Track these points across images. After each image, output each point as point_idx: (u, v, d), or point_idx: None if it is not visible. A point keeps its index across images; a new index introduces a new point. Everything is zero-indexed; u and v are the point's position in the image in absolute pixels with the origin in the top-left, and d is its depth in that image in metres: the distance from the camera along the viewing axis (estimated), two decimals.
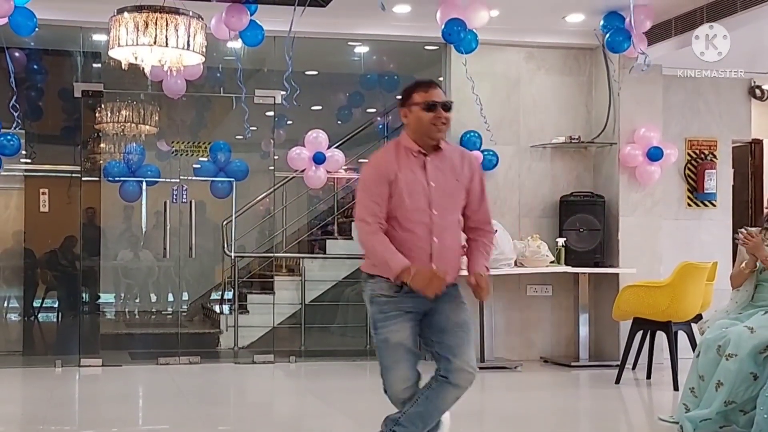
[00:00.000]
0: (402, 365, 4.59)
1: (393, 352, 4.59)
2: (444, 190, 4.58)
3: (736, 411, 5.70)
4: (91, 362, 9.34)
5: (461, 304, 4.70)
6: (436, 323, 4.63)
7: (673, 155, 9.82)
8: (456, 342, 4.59)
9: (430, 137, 4.57)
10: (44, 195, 11.08)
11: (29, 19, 8.04)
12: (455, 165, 4.64)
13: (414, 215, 4.52)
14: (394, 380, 4.61)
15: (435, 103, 4.55)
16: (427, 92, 4.58)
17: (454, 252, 4.69)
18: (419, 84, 4.63)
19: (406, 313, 4.57)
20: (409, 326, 4.59)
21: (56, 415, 7.09)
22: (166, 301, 12.78)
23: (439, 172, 4.59)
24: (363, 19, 9.45)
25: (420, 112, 4.55)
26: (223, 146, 10.51)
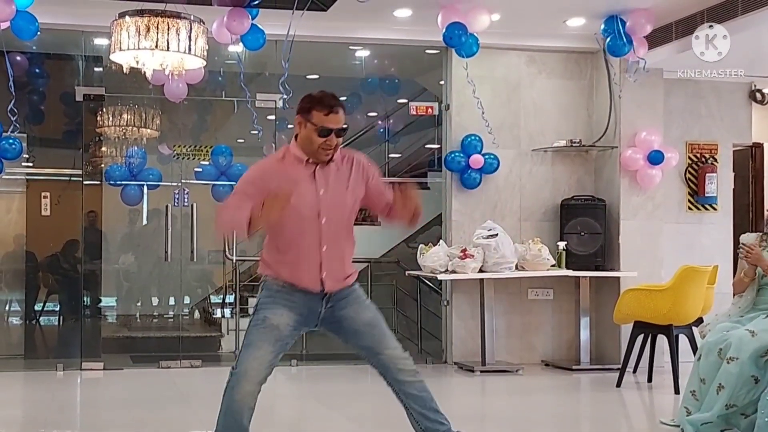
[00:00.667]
0: (267, 346, 4.51)
1: (265, 331, 4.52)
2: (334, 198, 4.57)
3: (737, 414, 5.70)
4: (93, 366, 9.35)
5: (362, 303, 4.72)
6: (347, 329, 4.67)
7: (674, 159, 9.83)
8: (372, 341, 4.64)
9: (316, 158, 4.56)
10: (46, 198, 11.08)
11: (31, 23, 8.05)
12: (344, 172, 4.64)
13: (302, 224, 4.52)
14: (252, 356, 4.49)
15: (329, 130, 4.51)
16: (327, 116, 4.51)
17: (345, 258, 4.69)
18: (322, 102, 4.54)
19: (295, 305, 4.55)
20: (293, 319, 4.56)
21: (58, 418, 7.10)
22: (167, 304, 12.76)
23: (329, 180, 4.58)
24: (364, 22, 9.47)
25: (312, 133, 4.51)
26: (225, 150, 10.51)
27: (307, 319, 4.63)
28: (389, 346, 4.65)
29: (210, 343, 11.18)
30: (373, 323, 4.68)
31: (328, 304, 4.62)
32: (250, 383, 4.48)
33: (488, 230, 9.31)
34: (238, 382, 4.48)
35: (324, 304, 4.61)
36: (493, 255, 9.18)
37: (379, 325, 4.68)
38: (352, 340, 4.69)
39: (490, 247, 9.18)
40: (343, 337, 4.72)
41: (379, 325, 4.68)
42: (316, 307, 4.61)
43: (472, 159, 9.70)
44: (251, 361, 4.48)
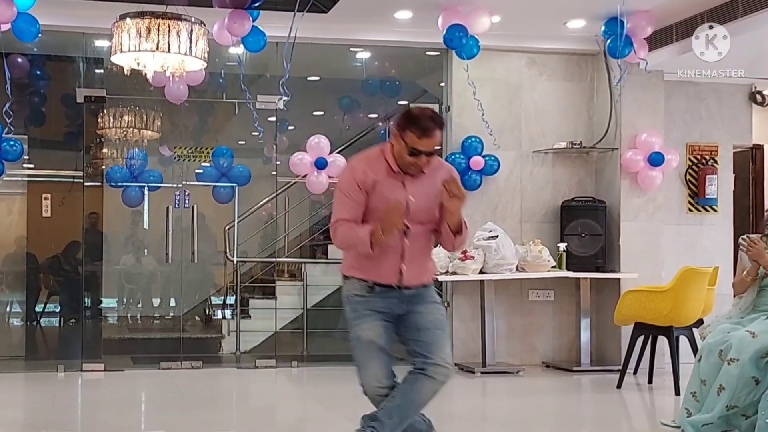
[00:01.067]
0: (374, 363, 4.69)
1: (364, 349, 4.72)
2: (420, 205, 4.68)
3: (738, 415, 5.70)
4: (94, 367, 9.35)
5: (434, 304, 4.84)
6: (412, 323, 4.76)
7: (675, 161, 9.84)
8: (432, 339, 4.71)
9: (405, 170, 4.66)
10: (46, 200, 11.09)
11: (32, 25, 8.06)
12: (433, 181, 4.69)
13: None
14: (367, 378, 4.71)
15: (419, 152, 4.58)
16: (419, 139, 4.56)
17: (425, 256, 4.83)
18: (418, 125, 4.57)
19: (377, 312, 4.71)
20: (381, 326, 4.72)
21: (59, 420, 7.09)
22: (168, 305, 12.78)
23: (417, 189, 4.68)
24: (365, 24, 9.48)
25: (403, 151, 4.60)
26: (226, 151, 10.52)
27: (391, 315, 4.76)
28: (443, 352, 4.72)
29: (211, 344, 11.19)
30: (438, 325, 4.78)
31: (405, 305, 4.75)
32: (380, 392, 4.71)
33: (489, 232, 9.32)
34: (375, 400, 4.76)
35: (404, 305, 4.75)
36: (493, 256, 9.18)
37: (444, 329, 4.79)
38: (411, 334, 4.77)
39: (491, 248, 9.19)
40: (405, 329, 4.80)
41: (443, 328, 4.79)
42: (396, 308, 4.75)
43: (473, 161, 9.71)
44: (371, 381, 4.72)
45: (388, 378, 4.70)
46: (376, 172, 4.66)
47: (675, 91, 10.17)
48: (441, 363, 4.67)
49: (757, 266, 6.16)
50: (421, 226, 4.71)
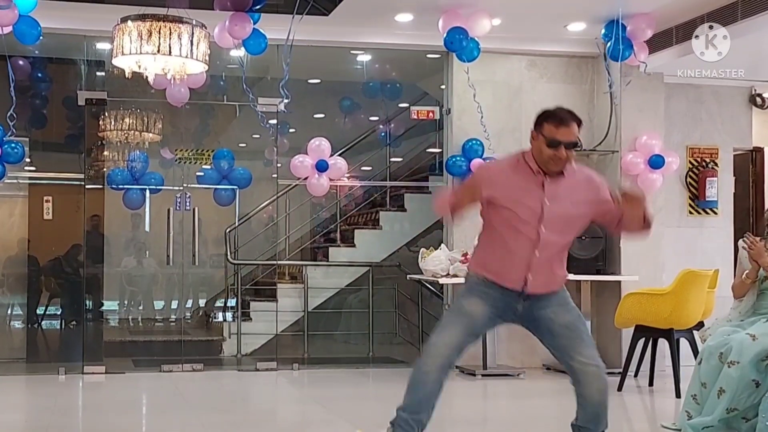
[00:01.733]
0: (457, 331, 4.69)
1: (459, 317, 4.74)
2: (559, 212, 4.63)
3: (739, 418, 5.71)
4: (95, 369, 9.35)
5: (564, 306, 4.80)
6: (543, 329, 4.78)
7: (675, 163, 9.84)
8: (567, 343, 4.73)
9: (546, 168, 4.64)
10: (48, 203, 11.10)
11: (33, 27, 8.08)
12: (577, 190, 4.68)
13: (521, 227, 4.61)
14: (441, 336, 4.69)
15: (558, 143, 4.57)
16: (557, 129, 4.59)
17: (554, 269, 4.75)
18: (554, 115, 4.64)
19: (492, 299, 4.70)
20: (487, 310, 4.72)
21: (60, 422, 7.09)
22: (169, 308, 12.80)
23: (557, 193, 4.64)
24: (365, 27, 9.49)
25: (542, 145, 4.60)
26: (227, 154, 10.53)
27: (504, 313, 4.76)
28: (582, 353, 4.73)
29: (212, 347, 11.19)
30: (571, 327, 4.75)
31: (526, 301, 4.72)
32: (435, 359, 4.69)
33: None
34: (425, 354, 4.74)
35: (522, 301, 4.72)
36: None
37: (577, 330, 4.75)
38: (547, 340, 4.80)
39: None
40: (540, 335, 4.83)
41: (576, 329, 4.75)
42: (512, 303, 4.72)
43: (474, 163, 9.71)
44: (440, 339, 4.70)
45: (456, 354, 4.70)
46: (512, 171, 4.68)
47: (675, 94, 10.19)
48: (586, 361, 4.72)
49: (757, 268, 6.16)
50: (557, 236, 4.65)
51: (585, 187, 4.71)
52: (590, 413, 4.80)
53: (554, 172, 4.63)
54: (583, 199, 4.69)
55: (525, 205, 4.60)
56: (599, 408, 4.78)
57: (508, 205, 4.61)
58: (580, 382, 4.75)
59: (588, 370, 4.71)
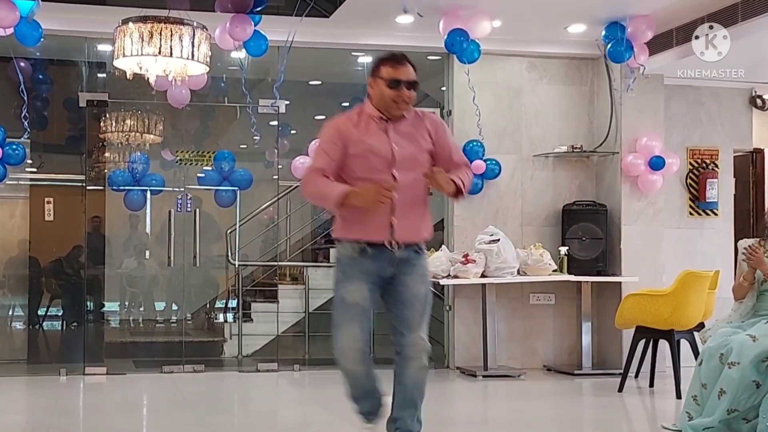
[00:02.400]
0: (353, 324, 4.73)
1: (347, 310, 4.75)
2: (405, 153, 4.70)
3: (739, 419, 5.71)
4: (96, 370, 9.37)
5: (422, 277, 4.86)
6: (397, 294, 4.81)
7: (675, 164, 9.86)
8: (411, 315, 4.77)
9: (390, 113, 4.70)
10: (49, 204, 11.12)
11: (35, 29, 8.09)
12: (416, 129, 4.75)
13: (374, 174, 4.65)
14: (343, 337, 4.74)
15: (399, 81, 4.63)
16: (395, 69, 4.67)
17: (416, 211, 4.79)
18: (389, 58, 4.71)
19: (366, 275, 4.72)
20: (367, 289, 4.74)
21: (61, 423, 7.10)
22: (170, 309, 12.80)
23: (401, 137, 4.72)
24: (366, 29, 9.51)
25: (383, 87, 4.65)
26: (227, 155, 10.54)
27: (376, 282, 4.79)
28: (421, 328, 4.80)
29: (213, 348, 11.20)
30: (422, 300, 4.83)
31: (393, 267, 4.76)
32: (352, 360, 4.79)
33: (490, 235, 9.33)
34: (340, 361, 4.82)
35: (392, 266, 4.76)
36: (495, 260, 9.20)
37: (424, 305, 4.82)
38: (395, 308, 4.83)
39: (492, 252, 9.21)
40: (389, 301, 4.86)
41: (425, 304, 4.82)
42: (384, 271, 4.76)
43: (474, 164, 9.70)
44: (346, 340, 4.77)
45: (365, 342, 4.75)
46: (356, 124, 4.70)
47: (675, 95, 10.21)
48: (417, 341, 4.76)
49: (753, 271, 6.17)
50: (410, 174, 4.68)
51: (427, 127, 4.78)
52: (407, 396, 4.80)
53: (396, 116, 4.68)
54: (427, 138, 4.75)
55: (376, 152, 4.65)
56: (416, 391, 4.81)
57: (361, 153, 4.65)
58: (406, 357, 4.78)
59: (419, 346, 4.77)
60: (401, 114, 4.71)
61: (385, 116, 4.70)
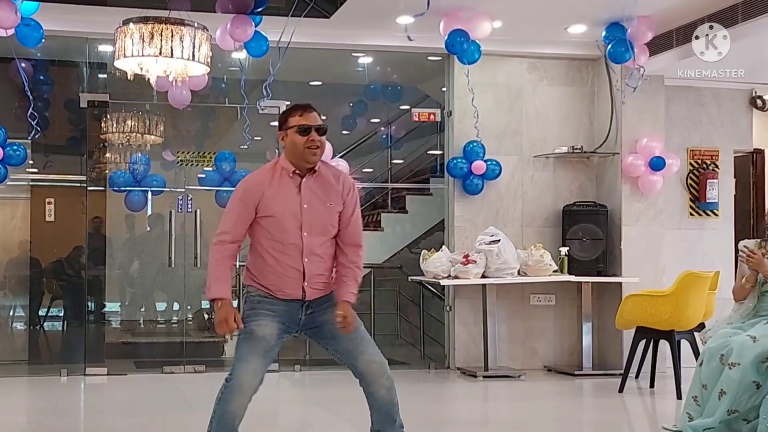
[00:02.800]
0: (257, 358, 4.64)
1: (254, 344, 4.65)
2: (316, 212, 4.66)
3: (739, 420, 5.73)
4: (97, 371, 9.40)
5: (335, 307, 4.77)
6: (326, 333, 4.77)
7: (675, 165, 9.87)
8: (349, 345, 4.73)
9: (305, 160, 4.66)
10: (50, 205, 11.11)
11: (35, 30, 8.10)
12: (329, 188, 4.72)
13: (285, 236, 4.63)
14: (245, 371, 4.62)
15: (308, 127, 4.64)
16: (302, 116, 4.67)
17: (325, 271, 4.76)
18: (295, 108, 4.72)
19: (277, 314, 4.68)
20: (277, 327, 4.69)
21: (61, 424, 7.13)
22: (171, 310, 12.78)
23: (313, 194, 4.68)
24: (367, 30, 9.52)
25: (294, 136, 4.65)
26: (228, 156, 10.54)
27: (289, 327, 4.75)
28: (366, 351, 4.74)
29: (213, 348, 11.20)
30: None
31: (308, 311, 4.74)
32: (244, 396, 4.63)
33: (490, 236, 9.34)
34: (232, 394, 4.63)
35: (304, 311, 4.73)
36: (495, 261, 9.21)
37: (357, 330, 4.73)
38: (331, 345, 4.80)
39: (493, 252, 9.21)
40: (323, 341, 4.83)
41: (357, 329, 4.73)
42: (296, 314, 4.73)
43: (474, 165, 9.74)
44: (244, 375, 4.61)
45: (261, 375, 4.67)
46: (270, 182, 4.66)
47: (675, 96, 10.23)
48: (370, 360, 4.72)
49: (756, 273, 6.18)
50: (319, 239, 4.67)
51: (341, 182, 4.75)
52: (383, 413, 4.78)
53: (312, 163, 4.66)
54: (334, 196, 4.72)
55: (286, 211, 4.62)
56: (390, 406, 4.78)
57: (271, 214, 4.62)
58: (368, 382, 4.74)
59: (373, 369, 4.72)
60: (315, 161, 4.68)
61: (299, 171, 4.67)
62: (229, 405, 4.64)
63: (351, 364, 4.76)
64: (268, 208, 4.61)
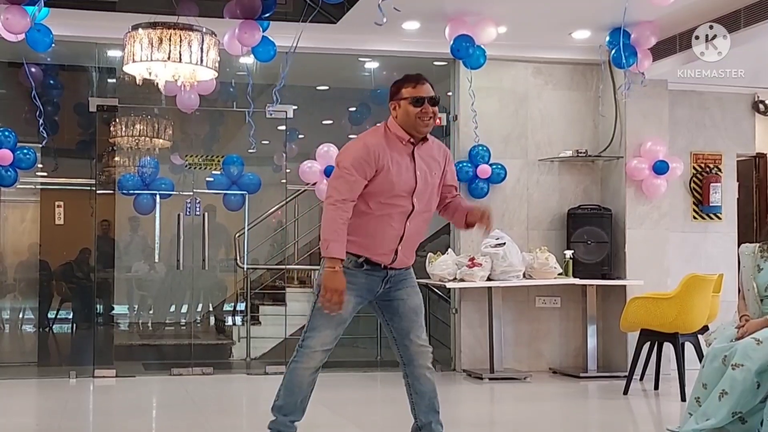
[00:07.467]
0: (330, 331, 4.84)
1: (329, 317, 4.79)
2: (426, 180, 4.81)
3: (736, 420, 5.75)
4: (105, 373, 9.43)
5: (415, 288, 5.00)
6: (394, 308, 4.92)
7: (679, 169, 9.91)
8: (410, 326, 4.91)
9: (417, 131, 4.77)
10: (59, 208, 11.19)
11: (46, 35, 8.14)
12: (436, 158, 4.87)
13: (396, 200, 4.74)
14: (317, 341, 4.85)
15: (422, 98, 4.73)
16: (415, 88, 4.77)
17: (418, 240, 4.95)
18: (408, 79, 4.83)
19: (356, 287, 4.78)
20: (354, 301, 4.81)
21: (70, 426, 7.15)
22: (179, 312, 12.86)
23: (424, 163, 4.81)
24: (373, 35, 9.54)
25: (408, 106, 4.74)
26: (236, 160, 10.60)
27: (365, 299, 4.90)
28: (420, 336, 4.92)
29: (221, 350, 11.27)
30: (417, 311, 4.96)
31: (387, 284, 4.88)
32: (316, 361, 4.89)
33: (496, 239, 9.37)
34: (303, 359, 4.90)
35: (383, 285, 4.87)
36: (500, 263, 9.25)
37: (420, 314, 4.95)
38: (393, 322, 4.95)
39: (498, 255, 9.25)
40: (387, 316, 4.97)
41: (420, 313, 4.95)
42: (375, 287, 4.87)
43: (480, 169, 9.80)
44: (317, 344, 4.86)
45: (332, 345, 4.88)
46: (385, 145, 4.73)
47: (679, 101, 10.27)
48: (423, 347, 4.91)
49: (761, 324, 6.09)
50: (425, 206, 4.82)
51: (441, 155, 4.90)
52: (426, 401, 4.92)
53: (423, 134, 4.77)
54: (440, 168, 4.88)
55: (401, 177, 4.72)
56: (433, 394, 4.94)
57: (387, 179, 4.70)
58: (415, 366, 4.90)
59: (422, 352, 4.91)
60: (427, 132, 4.80)
61: (412, 139, 4.77)
62: (299, 370, 4.92)
63: (404, 344, 4.91)
64: (385, 172, 4.69)
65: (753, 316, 6.22)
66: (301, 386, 4.93)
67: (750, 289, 6.26)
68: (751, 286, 6.25)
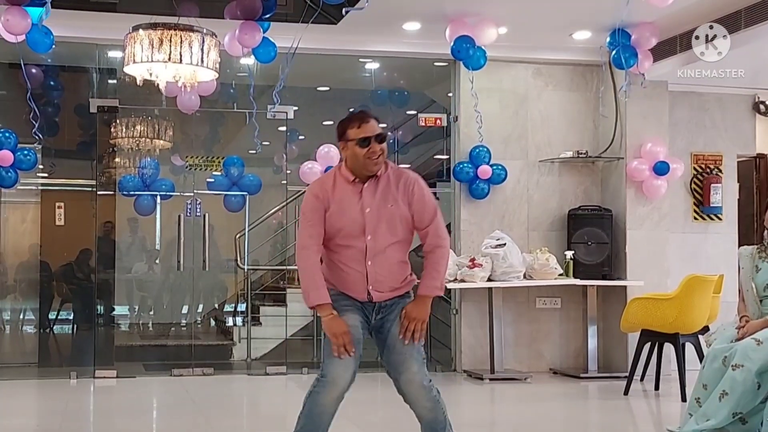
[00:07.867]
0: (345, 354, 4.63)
1: None
2: (379, 215, 4.64)
3: (736, 421, 5.76)
4: (106, 374, 9.45)
5: None
6: (384, 340, 4.76)
7: (680, 170, 9.92)
8: (399, 359, 4.70)
9: (368, 170, 4.65)
10: (60, 209, 11.19)
11: (46, 36, 8.16)
12: (391, 190, 4.69)
13: (349, 240, 4.64)
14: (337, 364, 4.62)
15: (368, 138, 4.61)
16: (360, 128, 4.63)
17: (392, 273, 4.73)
18: (352, 119, 4.68)
19: (355, 308, 4.70)
20: (359, 318, 4.69)
21: (71, 426, 7.17)
22: (179, 313, 12.85)
23: (374, 198, 4.66)
24: (374, 36, 9.58)
25: (355, 148, 4.62)
26: (237, 161, 10.61)
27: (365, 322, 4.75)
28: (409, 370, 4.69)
29: (222, 351, 11.27)
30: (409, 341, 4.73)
31: (378, 314, 4.75)
32: (337, 389, 4.65)
33: (496, 240, 9.39)
34: (325, 388, 4.64)
35: (375, 314, 4.75)
36: (501, 264, 9.26)
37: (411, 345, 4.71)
38: (384, 354, 4.80)
39: (499, 256, 9.26)
40: (380, 347, 4.84)
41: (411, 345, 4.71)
42: (369, 314, 4.75)
43: (481, 169, 9.80)
44: (336, 368, 4.63)
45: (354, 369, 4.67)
46: (332, 188, 4.68)
47: (679, 102, 10.28)
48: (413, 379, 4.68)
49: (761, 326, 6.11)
50: (384, 241, 4.65)
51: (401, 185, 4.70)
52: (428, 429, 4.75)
53: (374, 172, 4.66)
54: (396, 198, 4.68)
55: (349, 217, 4.63)
56: (434, 424, 4.72)
57: (335, 221, 4.63)
58: (409, 401, 4.71)
59: (411, 390, 4.69)
60: (377, 170, 4.68)
61: (359, 178, 4.68)
62: (320, 398, 4.64)
63: (394, 379, 4.75)
64: (333, 216, 4.63)
65: (752, 316, 6.22)
66: (322, 415, 4.69)
67: (749, 290, 6.26)
68: (749, 286, 6.26)
